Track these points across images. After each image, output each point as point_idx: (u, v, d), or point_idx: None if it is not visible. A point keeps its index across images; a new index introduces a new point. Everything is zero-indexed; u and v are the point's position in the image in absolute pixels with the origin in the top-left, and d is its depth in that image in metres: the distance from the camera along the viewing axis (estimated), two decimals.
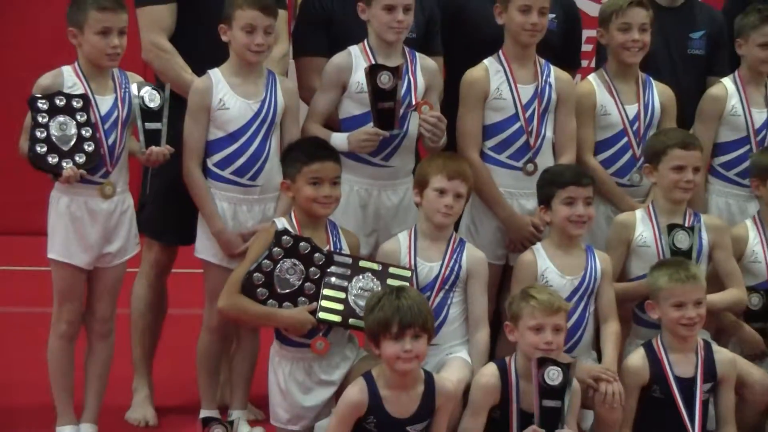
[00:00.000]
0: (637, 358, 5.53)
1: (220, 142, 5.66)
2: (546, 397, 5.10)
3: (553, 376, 5.08)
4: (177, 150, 5.63)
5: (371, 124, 5.69)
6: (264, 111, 5.69)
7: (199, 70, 5.78)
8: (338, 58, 5.83)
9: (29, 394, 6.03)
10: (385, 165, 5.80)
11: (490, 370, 5.29)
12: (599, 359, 5.61)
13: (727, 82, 6.35)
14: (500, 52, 5.98)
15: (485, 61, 5.97)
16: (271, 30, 5.67)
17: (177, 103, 5.71)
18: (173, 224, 5.99)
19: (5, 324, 7.27)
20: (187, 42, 5.94)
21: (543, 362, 5.09)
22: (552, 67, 6.05)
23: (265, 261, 5.31)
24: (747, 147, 6.24)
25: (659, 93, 6.23)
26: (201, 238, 5.76)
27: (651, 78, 6.25)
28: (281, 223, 5.44)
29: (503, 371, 5.27)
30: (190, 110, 5.67)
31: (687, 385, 5.46)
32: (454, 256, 5.58)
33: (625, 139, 6.15)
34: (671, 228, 5.78)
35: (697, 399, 5.46)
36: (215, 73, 5.68)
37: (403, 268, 5.46)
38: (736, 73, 6.37)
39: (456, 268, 5.56)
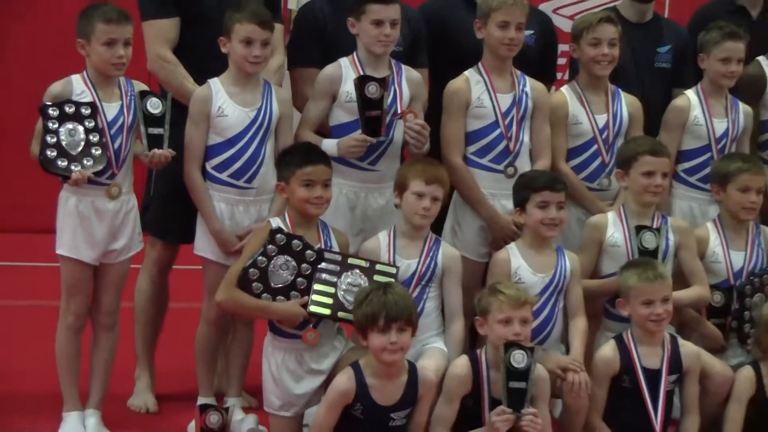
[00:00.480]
0: (608, 350, 5.56)
1: (219, 147, 5.68)
2: (512, 379, 5.13)
3: (519, 359, 5.13)
4: (178, 154, 5.64)
5: (359, 131, 5.70)
6: (260, 118, 5.71)
7: (200, 79, 5.79)
8: (329, 69, 5.86)
9: (38, 381, 6.03)
10: (372, 169, 5.83)
11: (463, 362, 5.32)
12: (567, 352, 5.64)
13: (690, 93, 6.39)
14: (480, 64, 6.01)
15: (466, 72, 6.01)
16: (268, 43, 5.71)
17: (179, 110, 5.74)
18: (175, 224, 6.00)
19: (16, 316, 7.27)
20: (189, 53, 5.94)
21: (509, 346, 5.13)
22: (527, 78, 6.08)
23: (260, 257, 5.33)
24: (708, 154, 6.28)
25: (627, 104, 6.26)
26: (200, 236, 5.78)
27: (620, 89, 6.28)
28: (276, 222, 5.46)
29: (475, 362, 5.29)
30: (191, 117, 5.69)
31: (653, 376, 5.50)
32: (431, 254, 5.61)
33: (595, 147, 6.18)
34: (639, 229, 5.83)
35: (661, 389, 5.49)
36: (215, 83, 5.70)
37: (389, 265, 5.48)
38: (699, 85, 6.41)
39: (432, 265, 5.60)
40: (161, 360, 6.23)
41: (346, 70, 5.82)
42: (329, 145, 5.75)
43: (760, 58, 6.70)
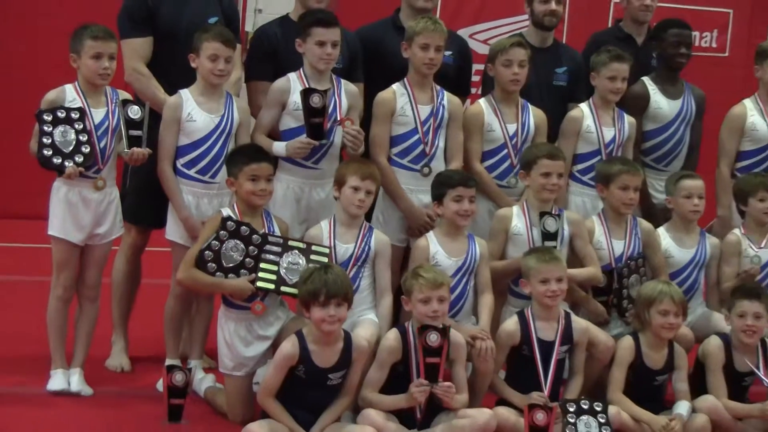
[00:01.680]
0: (511, 323, 5.61)
1: (188, 147, 5.72)
2: (428, 356, 5.19)
3: (433, 339, 5.19)
4: (152, 153, 5.68)
5: (305, 135, 5.76)
6: (223, 124, 5.75)
7: (169, 90, 5.83)
8: (279, 83, 5.91)
9: (31, 345, 6.03)
10: (315, 168, 5.89)
11: (393, 335, 5.35)
12: (477, 323, 5.71)
13: (583, 106, 6.45)
14: (405, 79, 6.07)
15: (393, 86, 6.06)
16: (230, 59, 5.75)
17: (153, 117, 5.80)
18: (147, 212, 6.04)
19: (12, 289, 7.31)
20: (161, 68, 5.99)
21: (424, 329, 5.20)
22: (445, 92, 6.13)
23: (214, 242, 5.38)
24: (599, 158, 6.33)
25: (534, 115, 6.32)
26: (170, 223, 5.81)
27: (528, 103, 6.34)
28: (226, 211, 5.50)
29: (404, 334, 5.33)
30: (164, 122, 5.72)
31: (547, 347, 5.56)
32: (365, 240, 5.66)
33: (506, 151, 6.23)
34: (542, 215, 5.88)
35: (553, 358, 5.56)
36: (185, 93, 5.73)
37: (323, 246, 5.53)
38: (591, 99, 6.46)
39: (366, 249, 5.65)
40: (134, 327, 6.26)
41: (293, 84, 5.87)
42: (279, 147, 5.81)
43: (644, 78, 6.74)
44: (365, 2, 7.71)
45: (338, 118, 5.89)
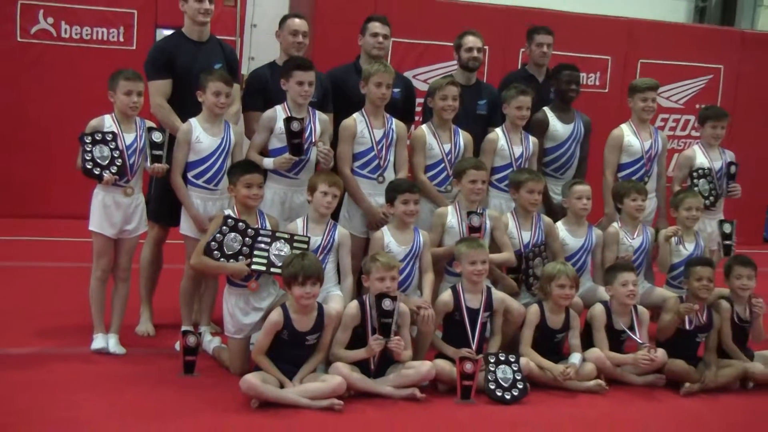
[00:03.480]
0: (446, 295, 5.63)
1: (197, 162, 5.69)
2: (383, 317, 5.23)
3: (387, 304, 5.23)
4: (170, 168, 5.65)
5: (288, 152, 5.74)
6: (223, 144, 5.72)
7: (184, 118, 5.78)
8: (268, 113, 5.90)
9: (77, 316, 5.98)
10: (296, 178, 5.87)
11: (354, 305, 5.36)
12: (422, 296, 5.71)
13: (498, 130, 6.45)
14: (363, 109, 6.06)
15: (354, 114, 6.06)
16: (230, 95, 5.74)
17: (173, 142, 5.73)
18: (167, 213, 5.96)
19: (64, 273, 7.20)
20: (177, 102, 5.94)
21: (381, 296, 5.24)
22: (393, 119, 6.13)
23: (218, 235, 5.39)
24: (510, 169, 6.31)
25: (463, 137, 6.32)
26: (184, 221, 5.78)
27: (458, 128, 6.32)
28: (227, 211, 5.49)
29: (362, 305, 5.34)
30: (178, 143, 5.69)
31: (474, 313, 5.59)
32: (330, 233, 5.65)
33: (443, 164, 6.22)
34: (470, 213, 5.89)
35: (478, 322, 5.59)
36: (194, 121, 5.70)
37: (303, 236, 5.51)
38: (503, 125, 6.46)
39: (331, 240, 5.64)
40: (157, 302, 6.21)
41: (279, 114, 5.85)
42: (268, 161, 5.80)
43: (545, 108, 6.75)
44: (333, 51, 7.67)
45: (313, 140, 5.87)
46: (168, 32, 6.63)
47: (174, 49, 6.03)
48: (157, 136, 5.62)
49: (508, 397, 5.31)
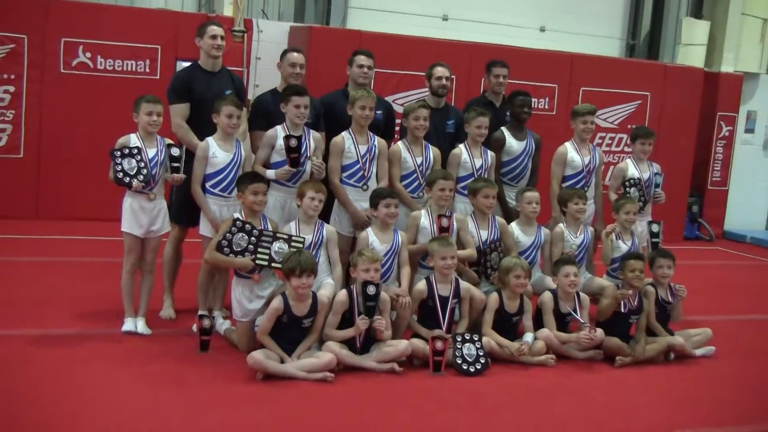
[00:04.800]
0: (421, 285, 5.59)
1: (213, 174, 5.63)
2: (367, 301, 5.22)
3: (371, 290, 5.22)
4: (188, 178, 5.60)
5: (287, 165, 5.69)
6: (235, 159, 5.66)
7: (201, 137, 5.73)
8: (270, 132, 5.83)
9: (109, 303, 5.92)
10: (294, 186, 5.75)
11: (343, 293, 5.33)
12: (400, 285, 5.66)
13: (462, 147, 6.39)
14: (350, 129, 6.00)
15: (343, 133, 6.00)
16: (240, 116, 5.69)
17: (191, 156, 5.69)
18: (186, 216, 5.92)
19: (100, 267, 7.11)
20: (194, 122, 5.89)
21: (366, 283, 5.23)
22: (376, 137, 6.07)
23: (228, 234, 5.34)
24: (472, 179, 6.21)
25: (433, 151, 6.25)
26: (202, 223, 5.73)
27: (429, 144, 6.27)
28: (236, 215, 5.44)
29: (350, 293, 5.31)
30: (197, 158, 5.63)
31: (444, 300, 5.55)
32: (319, 231, 5.60)
33: (416, 175, 6.16)
34: (440, 216, 5.84)
35: (448, 308, 5.55)
36: (210, 139, 5.65)
37: (299, 236, 5.46)
38: (466, 141, 6.40)
39: (320, 237, 5.59)
40: (178, 291, 6.14)
41: (279, 132, 5.79)
42: (270, 173, 5.74)
43: (502, 128, 6.70)
44: (325, 79, 7.65)
45: (308, 155, 5.80)
46: (186, 64, 6.55)
47: (191, 78, 5.98)
48: (175, 151, 5.57)
49: (472, 370, 5.29)
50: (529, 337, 5.65)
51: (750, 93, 11.94)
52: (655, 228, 6.53)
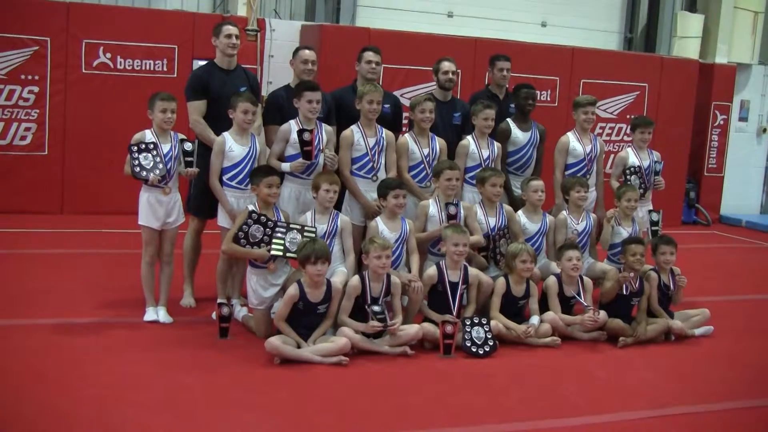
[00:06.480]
0: (432, 270, 5.54)
1: (230, 168, 5.59)
2: (376, 315, 5.17)
3: (377, 309, 5.17)
4: (203, 171, 5.58)
5: (301, 158, 5.63)
6: (251, 153, 5.61)
7: (217, 132, 5.69)
8: (284, 126, 5.78)
9: (131, 293, 5.90)
10: (308, 178, 5.71)
11: (356, 279, 5.29)
12: (410, 271, 5.63)
13: (469, 137, 6.34)
14: (359, 122, 5.94)
15: (352, 127, 5.94)
16: (255, 112, 5.64)
17: (205, 149, 5.68)
18: (205, 208, 5.89)
19: (122, 259, 7.08)
20: (210, 118, 5.84)
21: (372, 303, 5.22)
22: (384, 129, 5.99)
23: (244, 226, 5.30)
24: (480, 169, 6.16)
25: (439, 143, 6.19)
26: (220, 214, 5.69)
27: (435, 135, 6.21)
28: (251, 207, 5.40)
29: (363, 279, 5.27)
30: (214, 152, 5.59)
31: (454, 285, 5.51)
32: (333, 221, 5.55)
33: (423, 165, 6.09)
34: (447, 204, 5.80)
35: (458, 293, 5.51)
36: (227, 134, 5.60)
37: (311, 227, 5.41)
38: (473, 133, 6.34)
39: (335, 227, 5.54)
40: (197, 280, 6.12)
41: (292, 127, 5.73)
42: (285, 165, 5.69)
43: (508, 119, 6.66)
44: (336, 75, 7.64)
45: (321, 148, 5.74)
46: (202, 62, 6.50)
47: (208, 76, 5.93)
48: (188, 146, 5.53)
49: (481, 352, 5.26)
50: (535, 319, 5.61)
51: (743, 83, 11.93)
52: (654, 217, 6.50)
